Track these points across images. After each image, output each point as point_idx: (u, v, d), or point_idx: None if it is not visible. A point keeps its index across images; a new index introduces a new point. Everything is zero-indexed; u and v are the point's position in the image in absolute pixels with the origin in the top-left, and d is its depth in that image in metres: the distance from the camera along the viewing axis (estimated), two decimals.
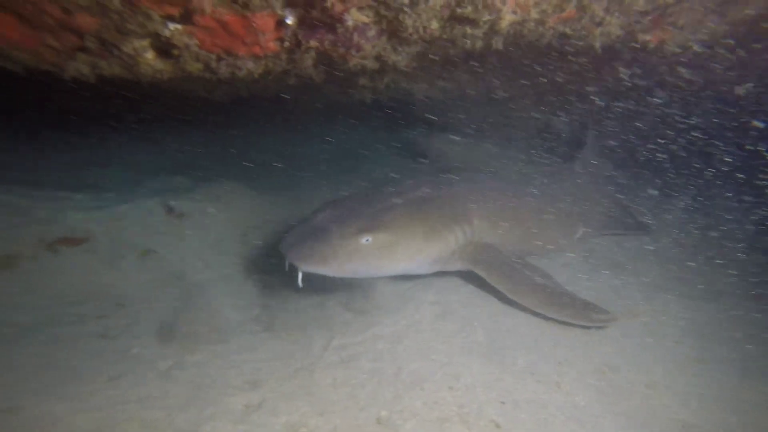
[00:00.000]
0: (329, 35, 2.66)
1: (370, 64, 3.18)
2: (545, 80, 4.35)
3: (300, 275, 3.00)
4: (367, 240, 3.10)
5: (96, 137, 6.61)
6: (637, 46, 3.57)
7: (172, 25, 2.50)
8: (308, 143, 7.46)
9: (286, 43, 2.81)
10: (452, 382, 2.58)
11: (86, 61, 2.64)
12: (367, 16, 2.52)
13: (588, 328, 3.27)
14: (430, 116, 5.65)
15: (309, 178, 6.49)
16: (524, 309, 3.38)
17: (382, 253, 3.15)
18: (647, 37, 3.51)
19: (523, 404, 2.43)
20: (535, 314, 3.35)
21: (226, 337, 3.20)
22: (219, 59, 2.85)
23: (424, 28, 2.57)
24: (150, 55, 2.74)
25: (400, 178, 4.59)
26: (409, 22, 2.47)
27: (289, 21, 2.50)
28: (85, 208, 4.42)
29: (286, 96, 4.74)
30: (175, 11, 2.40)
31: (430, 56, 3.40)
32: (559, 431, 2.27)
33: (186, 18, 2.48)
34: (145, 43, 2.64)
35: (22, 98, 4.86)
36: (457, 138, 6.03)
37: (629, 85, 4.54)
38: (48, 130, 6.31)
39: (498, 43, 2.95)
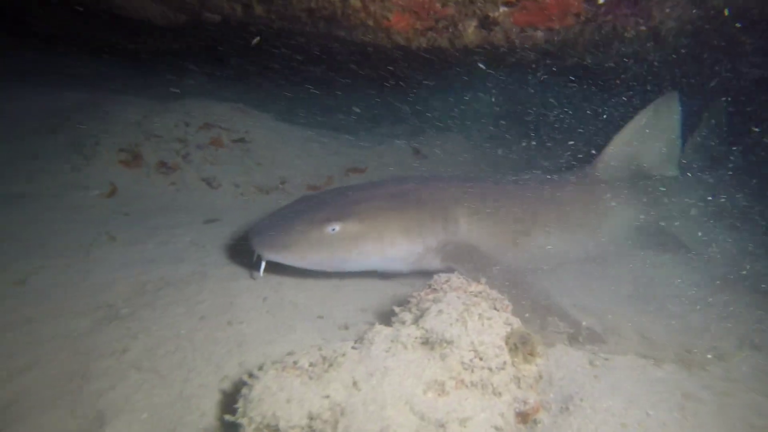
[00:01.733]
0: (628, 9, 3.22)
1: (643, 33, 3.64)
2: None
3: (263, 264, 2.85)
4: (333, 229, 2.89)
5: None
6: None
7: (503, 8, 3.33)
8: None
9: (582, 18, 3.44)
10: None
11: (430, 37, 3.65)
12: None
13: None
14: None
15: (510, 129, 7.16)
16: None
17: (349, 245, 2.91)
18: None
19: None
20: None
21: None
22: (521, 32, 3.62)
23: None
24: (471, 30, 3.63)
25: None
26: None
27: (602, 0, 3.12)
28: (358, 147, 5.83)
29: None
30: None
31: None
32: None
33: (517, 2, 3.28)
34: (474, 21, 3.53)
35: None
36: None
37: None
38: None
39: None
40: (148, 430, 1.78)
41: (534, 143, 6.32)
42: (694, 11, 3.30)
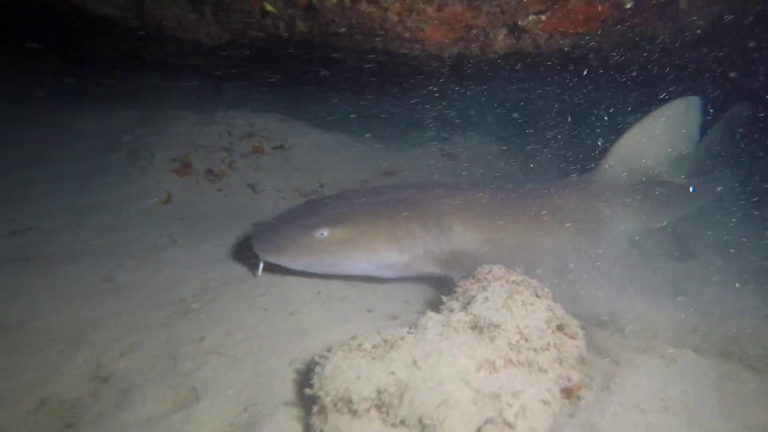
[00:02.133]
0: (655, 13, 3.35)
1: (668, 31, 3.76)
2: None
3: (261, 264, 3.08)
4: (322, 234, 3.05)
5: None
6: None
7: (532, 16, 3.51)
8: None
9: (609, 21, 3.59)
10: None
11: (462, 47, 3.85)
12: None
13: None
14: None
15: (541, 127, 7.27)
16: None
17: (337, 250, 3.08)
18: None
19: None
20: None
21: None
22: (549, 37, 3.79)
23: None
24: (500, 37, 3.82)
25: None
26: None
27: (629, 5, 3.27)
28: (390, 151, 6.07)
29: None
30: (543, 7, 3.40)
31: None
32: None
33: (546, 10, 3.45)
34: (504, 30, 3.71)
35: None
36: None
37: None
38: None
39: None
40: (234, 404, 2.02)
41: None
42: (718, 14, 3.41)
